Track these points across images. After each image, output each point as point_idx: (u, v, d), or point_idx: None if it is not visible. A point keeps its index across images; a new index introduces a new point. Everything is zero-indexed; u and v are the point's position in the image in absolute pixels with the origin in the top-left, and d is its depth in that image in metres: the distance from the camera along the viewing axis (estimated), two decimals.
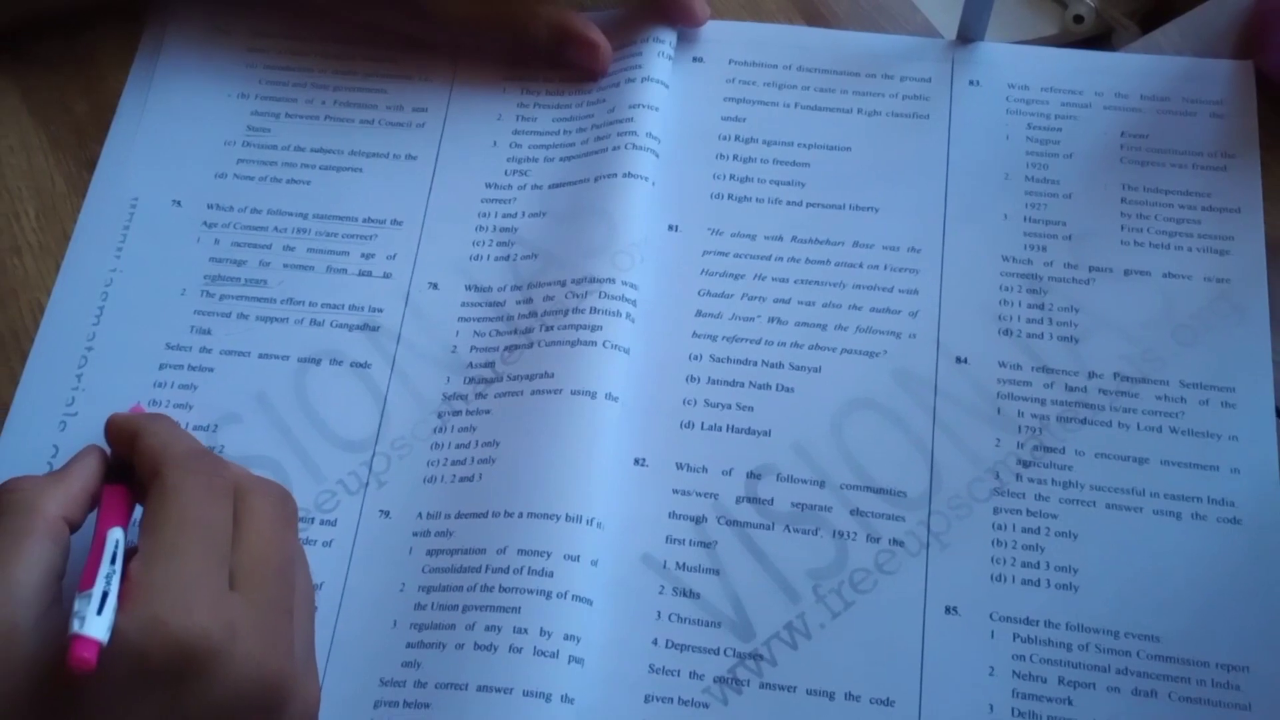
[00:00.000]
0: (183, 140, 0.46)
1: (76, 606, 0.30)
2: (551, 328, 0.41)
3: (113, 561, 0.32)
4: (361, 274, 0.44)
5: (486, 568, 0.38)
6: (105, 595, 0.30)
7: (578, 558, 0.37)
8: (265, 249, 0.44)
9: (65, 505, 0.34)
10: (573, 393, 0.40)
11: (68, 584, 0.33)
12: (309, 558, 0.37)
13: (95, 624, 0.30)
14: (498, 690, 0.36)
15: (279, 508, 0.36)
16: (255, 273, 0.44)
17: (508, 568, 0.37)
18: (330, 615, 0.39)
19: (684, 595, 0.38)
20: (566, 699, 0.36)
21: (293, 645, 0.34)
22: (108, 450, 0.37)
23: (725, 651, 0.38)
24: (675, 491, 0.40)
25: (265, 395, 0.42)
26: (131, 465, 0.36)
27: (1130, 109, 0.45)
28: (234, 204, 0.45)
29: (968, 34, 0.46)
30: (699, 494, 0.40)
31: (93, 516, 0.35)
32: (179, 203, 0.45)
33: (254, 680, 0.32)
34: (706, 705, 0.37)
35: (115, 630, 0.30)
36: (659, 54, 0.46)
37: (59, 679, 0.30)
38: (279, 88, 0.47)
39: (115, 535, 0.33)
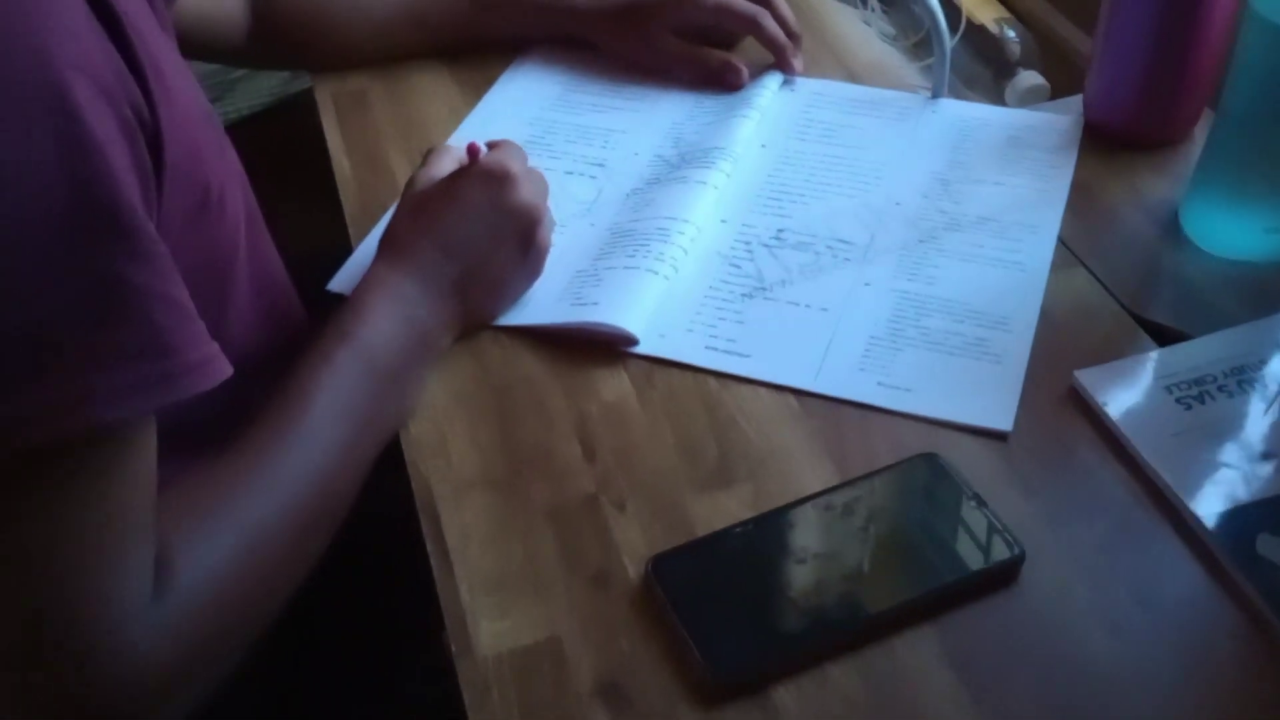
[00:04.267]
0: (531, 97, 0.92)
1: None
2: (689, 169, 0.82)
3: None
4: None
5: (633, 240, 0.76)
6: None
7: (684, 233, 0.76)
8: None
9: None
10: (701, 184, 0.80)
11: None
12: None
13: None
14: (634, 269, 0.74)
15: (543, 181, 0.75)
16: None
17: (646, 239, 0.76)
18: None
19: (733, 266, 0.76)
20: (667, 277, 0.73)
21: (547, 217, 0.73)
22: None
23: (750, 287, 0.74)
24: (735, 238, 0.78)
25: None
26: None
27: (1016, 124, 0.85)
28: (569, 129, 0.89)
29: (936, 93, 0.88)
30: (746, 238, 0.78)
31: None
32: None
33: (529, 200, 0.70)
34: (737, 303, 0.73)
35: (477, 162, 0.70)
36: (766, 84, 0.90)
37: (446, 185, 0.70)
38: (583, 88, 0.93)
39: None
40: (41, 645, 0.48)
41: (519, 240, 0.71)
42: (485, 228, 0.70)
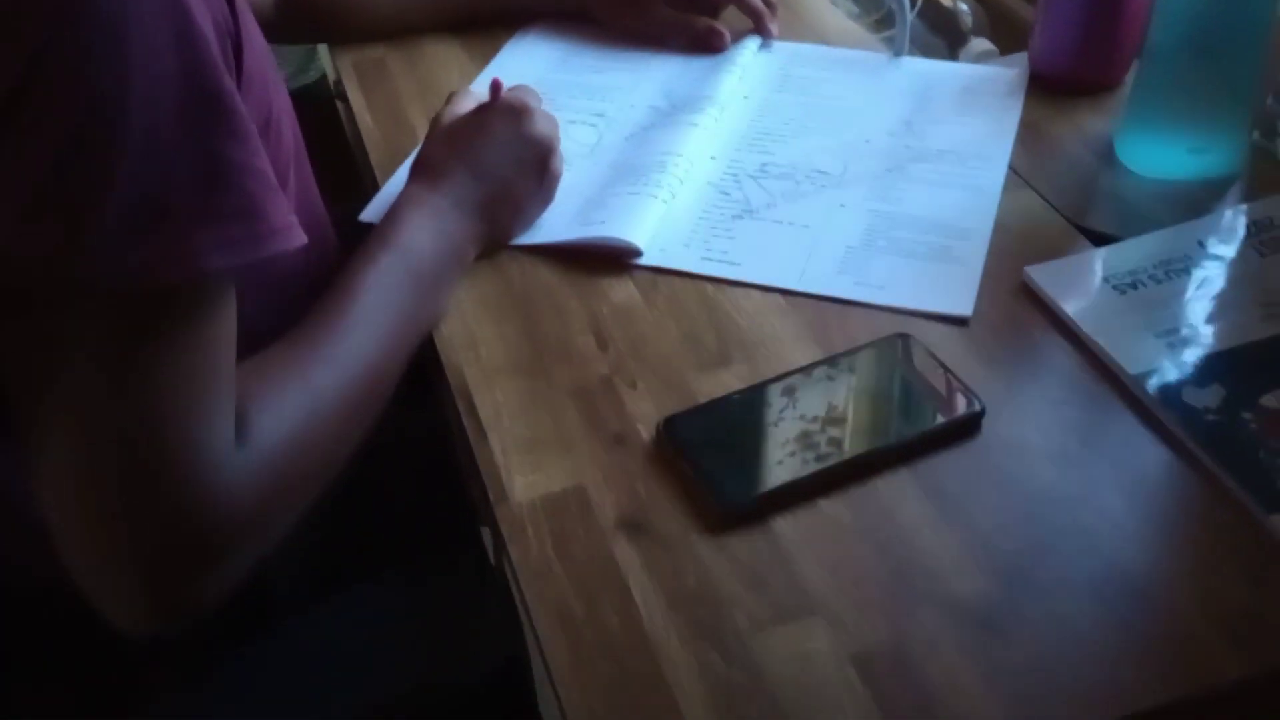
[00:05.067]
0: (535, 61, 1.02)
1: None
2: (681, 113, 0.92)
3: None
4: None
5: (633, 172, 0.86)
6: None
7: (678, 165, 0.86)
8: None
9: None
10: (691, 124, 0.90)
11: None
12: None
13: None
14: (635, 194, 0.83)
15: (554, 119, 0.85)
16: None
17: (645, 170, 0.86)
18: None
19: (723, 194, 0.85)
20: (665, 201, 0.83)
21: (558, 148, 0.82)
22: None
23: (738, 210, 0.84)
24: (724, 172, 0.88)
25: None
26: None
27: (970, 76, 0.96)
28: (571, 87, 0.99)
29: (898, 52, 0.99)
30: (734, 171, 0.88)
31: None
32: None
33: (545, 131, 0.80)
34: (727, 223, 0.83)
35: (500, 97, 0.80)
36: (747, 46, 1.00)
37: (473, 118, 0.80)
38: (582, 53, 1.03)
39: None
40: (142, 477, 0.55)
41: (536, 167, 0.80)
42: (508, 154, 0.79)
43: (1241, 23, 0.79)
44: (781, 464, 0.65)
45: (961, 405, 0.67)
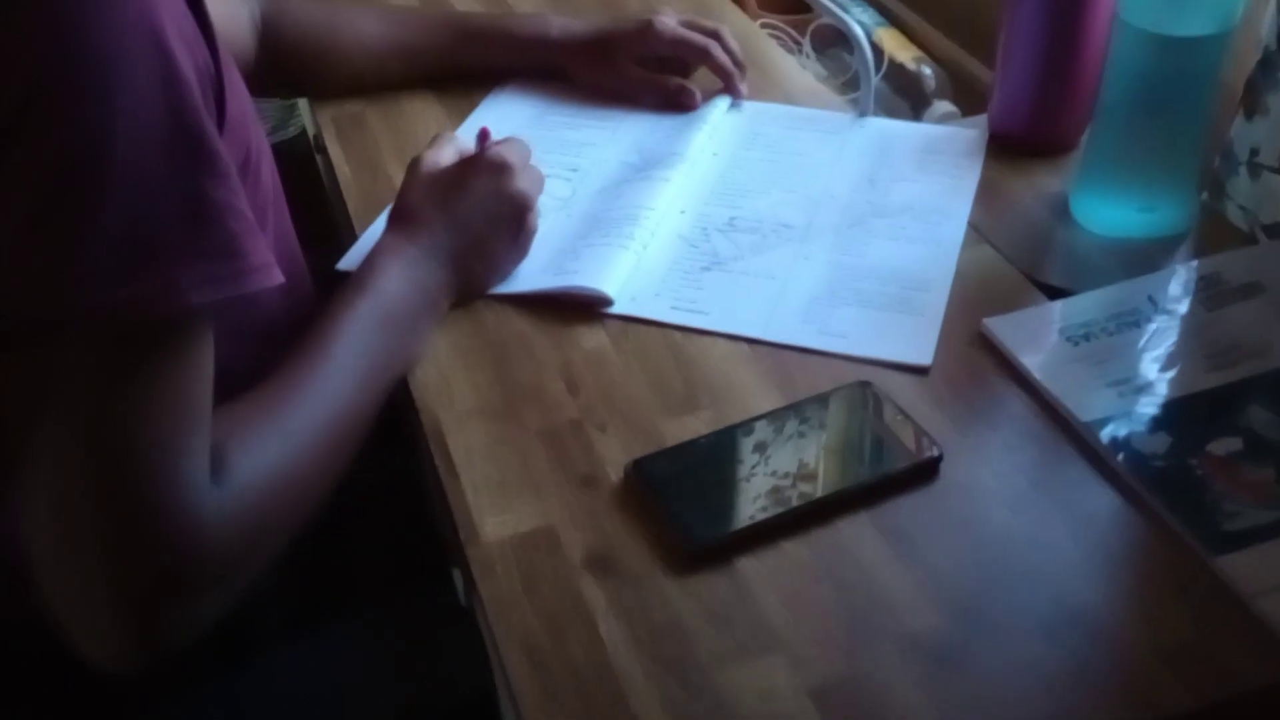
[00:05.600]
0: (511, 117, 1.04)
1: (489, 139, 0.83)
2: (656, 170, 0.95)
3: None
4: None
5: (605, 224, 0.88)
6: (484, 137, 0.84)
7: (649, 218, 0.88)
8: None
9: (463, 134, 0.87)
10: (663, 179, 0.93)
11: None
12: None
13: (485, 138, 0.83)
14: (607, 245, 0.85)
15: (540, 176, 0.87)
16: None
17: (617, 223, 0.88)
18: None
19: (692, 246, 0.88)
20: (636, 253, 0.85)
21: (536, 206, 0.85)
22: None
23: (707, 261, 0.86)
24: (693, 225, 0.91)
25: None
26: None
27: (931, 136, 0.99)
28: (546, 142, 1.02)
29: (863, 112, 1.02)
30: (703, 224, 0.91)
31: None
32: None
33: (523, 189, 0.82)
34: (696, 274, 0.85)
35: (482, 150, 0.82)
36: (717, 105, 1.03)
37: (455, 171, 0.82)
38: (557, 110, 1.06)
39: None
40: (118, 512, 0.56)
41: (513, 223, 0.83)
42: (485, 209, 0.81)
43: (1188, 88, 0.83)
44: (746, 506, 0.66)
45: (920, 450, 0.70)
